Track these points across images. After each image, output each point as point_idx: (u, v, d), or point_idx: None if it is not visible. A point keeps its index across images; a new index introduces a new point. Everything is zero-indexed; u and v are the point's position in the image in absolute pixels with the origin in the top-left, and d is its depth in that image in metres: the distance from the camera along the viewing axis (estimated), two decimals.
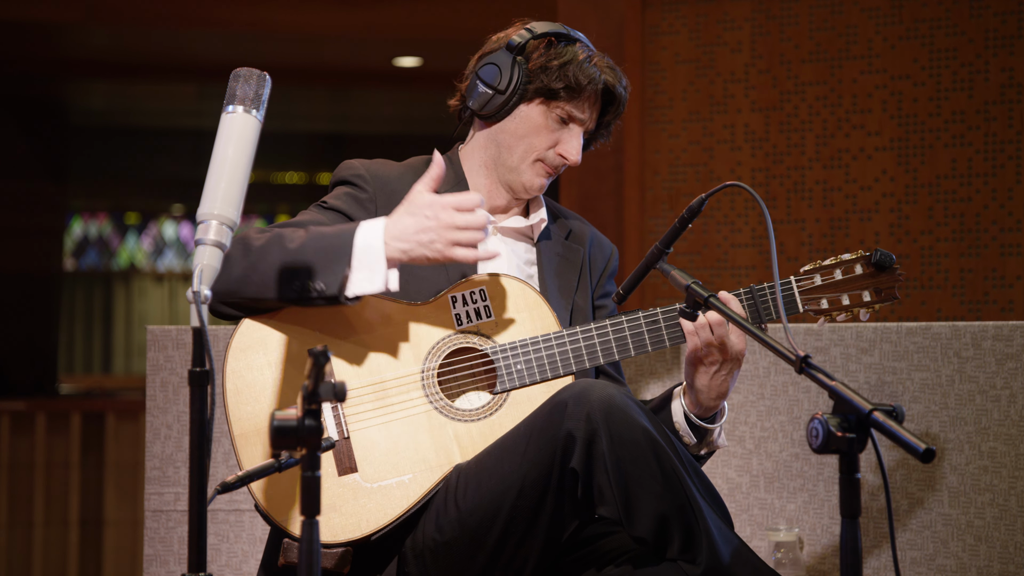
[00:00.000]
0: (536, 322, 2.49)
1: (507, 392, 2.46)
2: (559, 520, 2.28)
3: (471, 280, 2.50)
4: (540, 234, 2.68)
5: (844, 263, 2.51)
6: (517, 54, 2.57)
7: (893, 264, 2.49)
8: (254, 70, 2.21)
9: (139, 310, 11.46)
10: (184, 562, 3.17)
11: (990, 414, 3.05)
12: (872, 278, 2.50)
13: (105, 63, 7.67)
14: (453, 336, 2.47)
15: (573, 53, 2.57)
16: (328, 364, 1.89)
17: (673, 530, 2.19)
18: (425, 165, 2.63)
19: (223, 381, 2.42)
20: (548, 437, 2.23)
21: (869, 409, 1.83)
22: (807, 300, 2.51)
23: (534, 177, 2.62)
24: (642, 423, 2.20)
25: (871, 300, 2.50)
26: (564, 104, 2.57)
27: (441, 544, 2.34)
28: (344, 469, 2.38)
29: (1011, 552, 3.01)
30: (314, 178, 10.52)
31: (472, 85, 2.61)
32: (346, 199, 2.57)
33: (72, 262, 11.27)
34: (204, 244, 2.06)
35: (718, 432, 2.54)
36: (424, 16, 6.43)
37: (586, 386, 2.24)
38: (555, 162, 2.61)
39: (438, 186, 2.39)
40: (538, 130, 2.59)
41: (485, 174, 2.66)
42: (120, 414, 6.58)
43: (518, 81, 2.56)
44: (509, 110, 2.59)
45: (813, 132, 4.51)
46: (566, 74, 2.55)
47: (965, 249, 4.34)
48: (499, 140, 2.62)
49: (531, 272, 2.66)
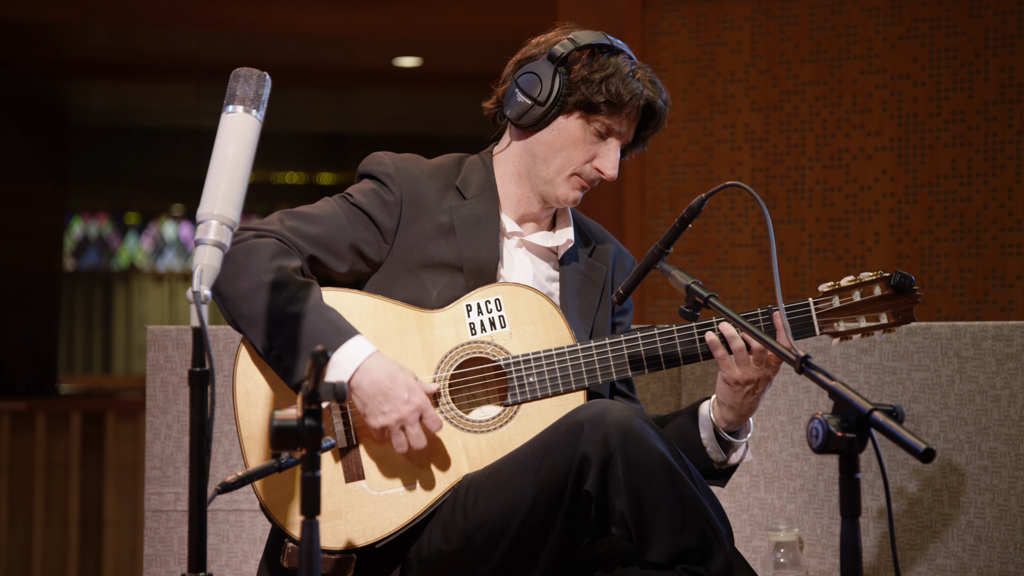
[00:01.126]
0: (551, 334, 2.47)
1: (518, 405, 2.45)
2: (569, 539, 2.28)
3: (488, 289, 2.48)
4: (565, 253, 2.64)
5: (863, 284, 2.45)
6: (559, 65, 2.51)
7: (912, 286, 2.45)
8: (254, 70, 2.21)
9: (139, 310, 11.46)
10: (184, 562, 3.17)
11: (990, 414, 3.05)
12: (891, 300, 2.45)
13: (105, 63, 7.67)
14: (467, 345, 2.45)
15: (616, 66, 2.50)
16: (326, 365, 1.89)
17: (690, 557, 2.19)
18: (457, 165, 2.61)
19: (233, 382, 2.42)
20: (563, 457, 2.22)
21: (869, 409, 1.83)
22: (824, 323, 2.45)
23: (569, 191, 2.56)
24: (659, 448, 2.19)
25: (888, 322, 2.45)
26: (604, 118, 2.51)
27: (446, 554, 2.33)
28: (351, 476, 2.38)
29: (1011, 552, 3.01)
30: (314, 178, 10.51)
31: (510, 92, 2.55)
32: (372, 198, 2.52)
33: (72, 262, 11.26)
34: (204, 244, 2.06)
35: (744, 447, 2.51)
36: (424, 16, 6.43)
37: (603, 408, 2.22)
38: (591, 176, 2.55)
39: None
40: (576, 143, 2.53)
41: (517, 183, 2.60)
42: (120, 414, 6.58)
43: (558, 93, 2.50)
44: (547, 122, 2.53)
45: (813, 132, 4.51)
46: (608, 88, 2.49)
47: (965, 249, 4.34)
48: (534, 151, 2.57)
49: (552, 289, 2.62)
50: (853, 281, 2.46)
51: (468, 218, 2.54)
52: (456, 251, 2.51)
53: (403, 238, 2.51)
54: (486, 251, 2.52)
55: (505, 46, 2.69)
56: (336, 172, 10.11)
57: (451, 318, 2.46)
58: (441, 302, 2.48)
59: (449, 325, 2.45)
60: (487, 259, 2.52)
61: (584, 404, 2.31)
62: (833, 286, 2.47)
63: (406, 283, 2.49)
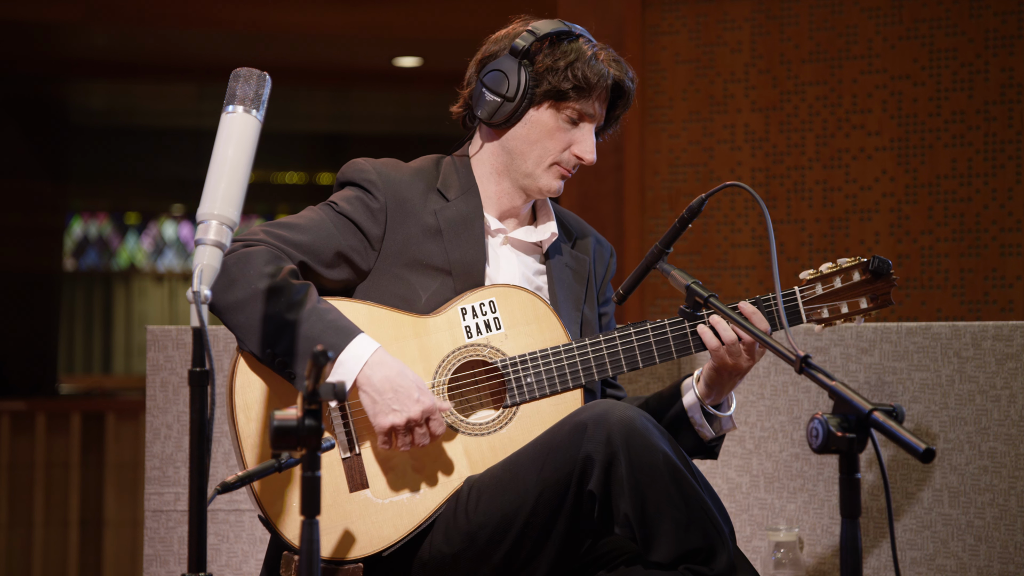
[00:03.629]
0: (545, 334, 2.48)
1: (517, 406, 2.45)
2: (572, 539, 2.28)
3: (482, 291, 2.48)
4: (549, 247, 2.65)
5: (843, 271, 2.50)
6: (522, 58, 2.52)
7: (890, 270, 2.49)
8: (254, 70, 2.21)
9: (139, 310, 11.45)
10: (184, 562, 3.17)
11: (990, 414, 3.05)
12: (869, 284, 2.50)
13: (105, 63, 7.67)
14: (464, 349, 2.45)
15: (578, 50, 2.52)
16: (328, 365, 1.89)
17: (694, 557, 2.19)
18: (435, 167, 2.61)
19: (231, 395, 2.40)
20: (566, 458, 2.22)
21: (869, 409, 1.83)
22: (810, 311, 2.50)
23: (551, 180, 2.57)
24: (663, 448, 2.19)
25: (867, 307, 2.50)
26: (574, 104, 2.52)
27: (449, 556, 2.33)
28: (355, 485, 2.37)
29: (1011, 552, 3.01)
30: (314, 178, 10.52)
31: (478, 92, 2.56)
32: (357, 205, 2.52)
33: (72, 262, 11.26)
34: (204, 244, 2.06)
35: (729, 419, 2.55)
36: (424, 16, 6.43)
37: (606, 408, 2.23)
38: (571, 163, 2.57)
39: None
40: (550, 133, 2.54)
41: (496, 180, 2.60)
42: (120, 414, 6.58)
43: (526, 86, 2.51)
44: (519, 116, 2.54)
45: (813, 132, 4.51)
46: (574, 74, 2.50)
47: (965, 249, 4.34)
48: (510, 147, 2.57)
49: (539, 284, 2.63)
50: (833, 268, 2.50)
51: (453, 219, 2.54)
52: (444, 254, 2.51)
53: (390, 243, 2.51)
54: (473, 252, 2.53)
55: None
56: (336, 172, 10.11)
57: (446, 322, 2.46)
58: (431, 306, 2.47)
59: (445, 329, 2.45)
60: (474, 260, 2.52)
61: (587, 404, 2.32)
62: (814, 273, 2.51)
63: (395, 287, 2.49)
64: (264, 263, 2.36)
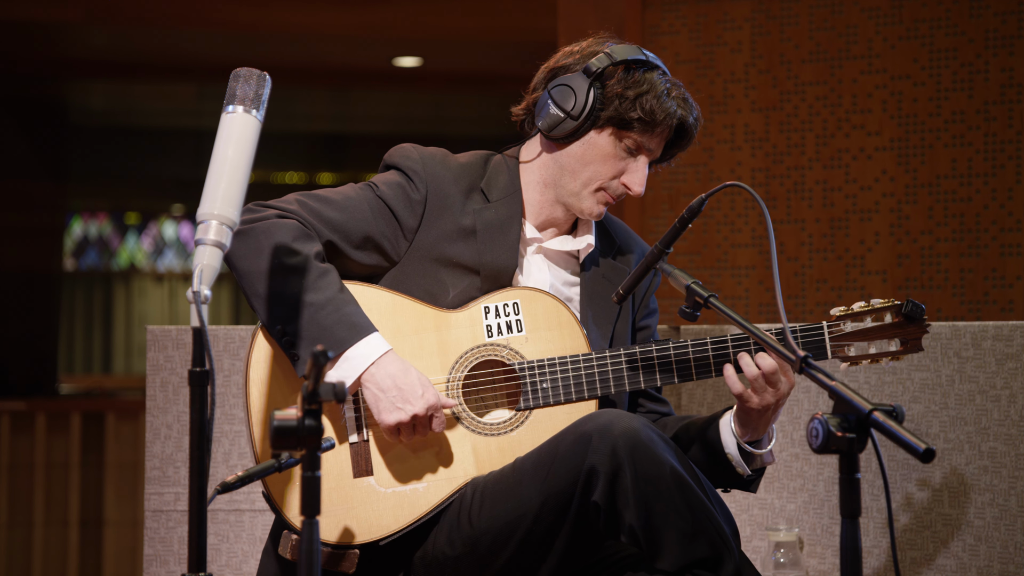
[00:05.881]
0: (567, 341, 2.47)
1: (530, 410, 2.44)
2: (575, 548, 2.27)
3: (507, 292, 2.48)
4: (586, 258, 2.62)
5: (875, 311, 2.47)
6: (594, 80, 2.47)
7: (923, 315, 2.47)
8: (254, 70, 2.21)
9: (139, 310, 11.46)
10: (184, 562, 3.17)
11: (990, 414, 3.05)
12: (900, 328, 2.48)
13: (105, 63, 7.67)
14: (482, 347, 2.45)
15: (651, 83, 2.47)
16: (328, 365, 1.89)
17: (700, 567, 2.19)
18: (483, 165, 2.58)
19: (247, 371, 2.40)
20: (570, 467, 2.21)
21: (869, 409, 1.83)
22: (836, 347, 2.47)
23: (594, 205, 2.54)
24: (668, 459, 2.19)
25: (897, 351, 2.48)
26: (636, 135, 2.49)
27: (451, 558, 2.33)
28: (360, 471, 2.37)
29: (1011, 552, 3.01)
30: (314, 178, 10.51)
31: (542, 102, 2.52)
32: (398, 192, 2.50)
33: (72, 262, 11.26)
34: (204, 244, 2.06)
35: (769, 453, 2.52)
36: (424, 16, 6.43)
37: (611, 418, 2.22)
38: (618, 191, 2.53)
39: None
40: (605, 159, 2.50)
41: (541, 191, 2.57)
42: (120, 414, 6.58)
43: (592, 108, 2.47)
44: (579, 135, 2.50)
45: (813, 132, 4.51)
46: (643, 106, 2.46)
47: (965, 249, 4.34)
48: (562, 163, 2.53)
49: (571, 295, 2.60)
50: (865, 307, 2.48)
51: (490, 222, 2.52)
52: (475, 255, 2.50)
53: (424, 236, 2.50)
54: (505, 257, 2.51)
55: (505, 46, 2.69)
56: (336, 172, 10.11)
57: (468, 319, 2.45)
58: (457, 303, 2.47)
59: (466, 326, 2.45)
60: (505, 266, 2.51)
61: (592, 413, 2.31)
62: (845, 311, 2.48)
63: (423, 279, 2.48)
64: (292, 239, 2.37)
